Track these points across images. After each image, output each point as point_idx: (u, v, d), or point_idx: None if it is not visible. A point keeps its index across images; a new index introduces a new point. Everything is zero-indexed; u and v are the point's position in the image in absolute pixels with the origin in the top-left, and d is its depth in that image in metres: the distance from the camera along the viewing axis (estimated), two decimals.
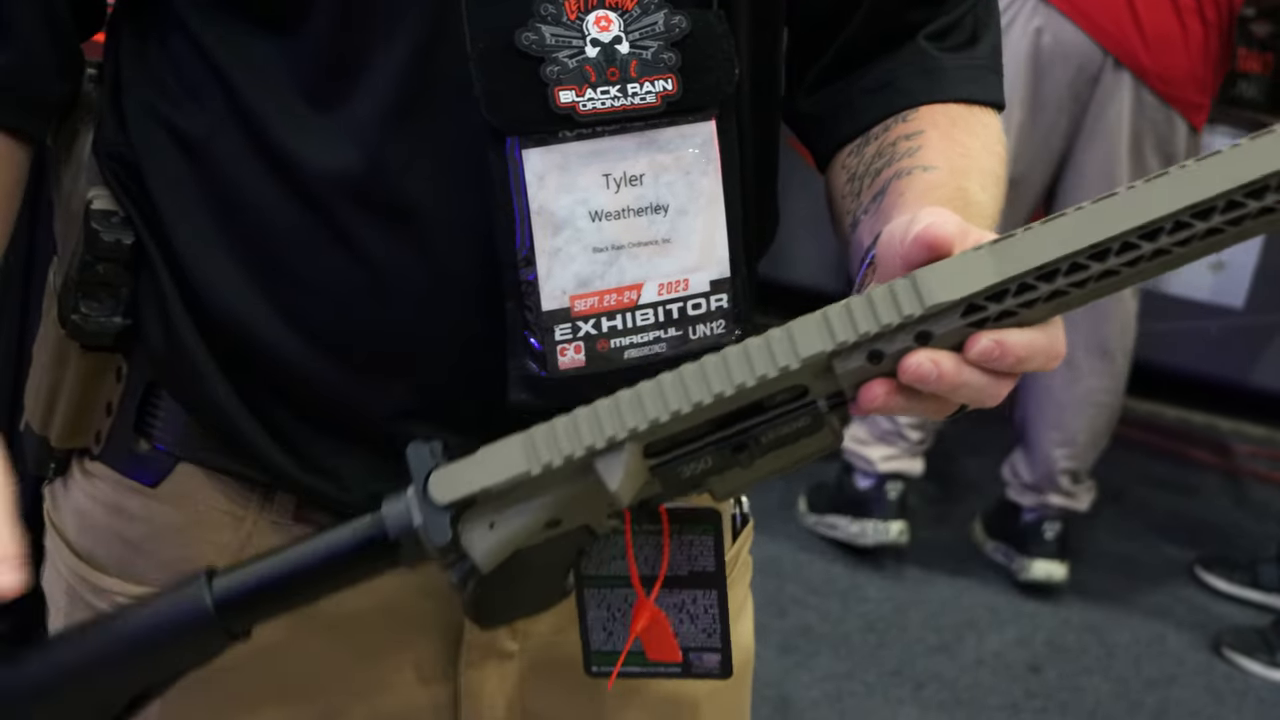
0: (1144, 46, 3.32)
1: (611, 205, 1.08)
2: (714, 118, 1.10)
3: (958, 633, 3.49)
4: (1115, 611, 3.67)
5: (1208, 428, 4.68)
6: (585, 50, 1.06)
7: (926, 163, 1.13)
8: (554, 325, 1.08)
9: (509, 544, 0.98)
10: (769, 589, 3.47)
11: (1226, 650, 3.57)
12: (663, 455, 0.96)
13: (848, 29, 1.22)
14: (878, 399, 0.91)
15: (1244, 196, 0.86)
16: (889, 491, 3.61)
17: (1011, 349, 0.89)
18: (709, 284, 1.11)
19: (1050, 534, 3.66)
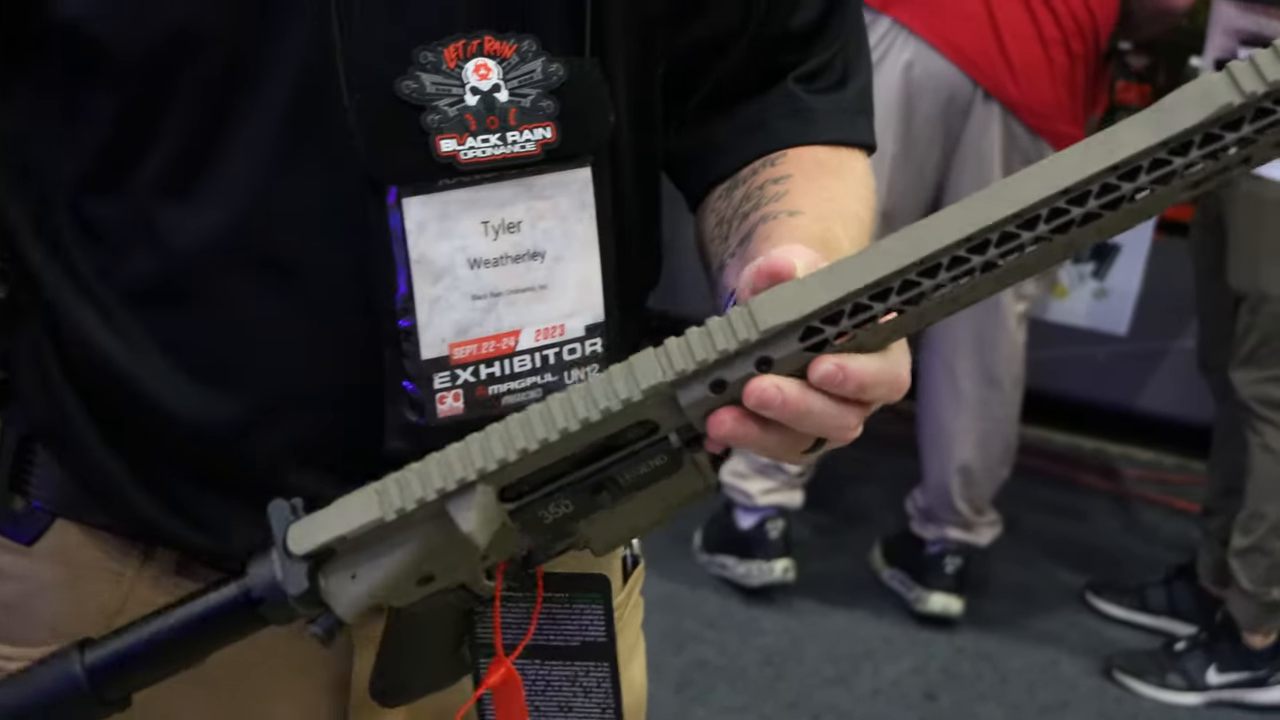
0: (1012, 78, 3.35)
1: (490, 253, 1.08)
2: (590, 165, 1.10)
3: (854, 663, 3.49)
4: (1009, 638, 3.68)
5: (1097, 452, 4.73)
6: (465, 98, 1.06)
7: (792, 207, 1.14)
8: (433, 373, 1.08)
9: (371, 594, 0.97)
10: (665, 624, 3.46)
11: (1118, 673, 3.60)
12: (521, 499, 0.95)
13: (719, 70, 1.23)
14: (724, 426, 0.90)
15: (1066, 203, 0.85)
16: (770, 531, 3.61)
17: (853, 374, 0.88)
18: (584, 329, 1.12)
19: (950, 568, 3.68)
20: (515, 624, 1.08)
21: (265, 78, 1.05)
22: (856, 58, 1.27)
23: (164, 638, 0.99)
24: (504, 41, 1.06)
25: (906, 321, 0.89)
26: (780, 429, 0.91)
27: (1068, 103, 3.43)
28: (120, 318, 1.10)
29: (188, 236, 1.08)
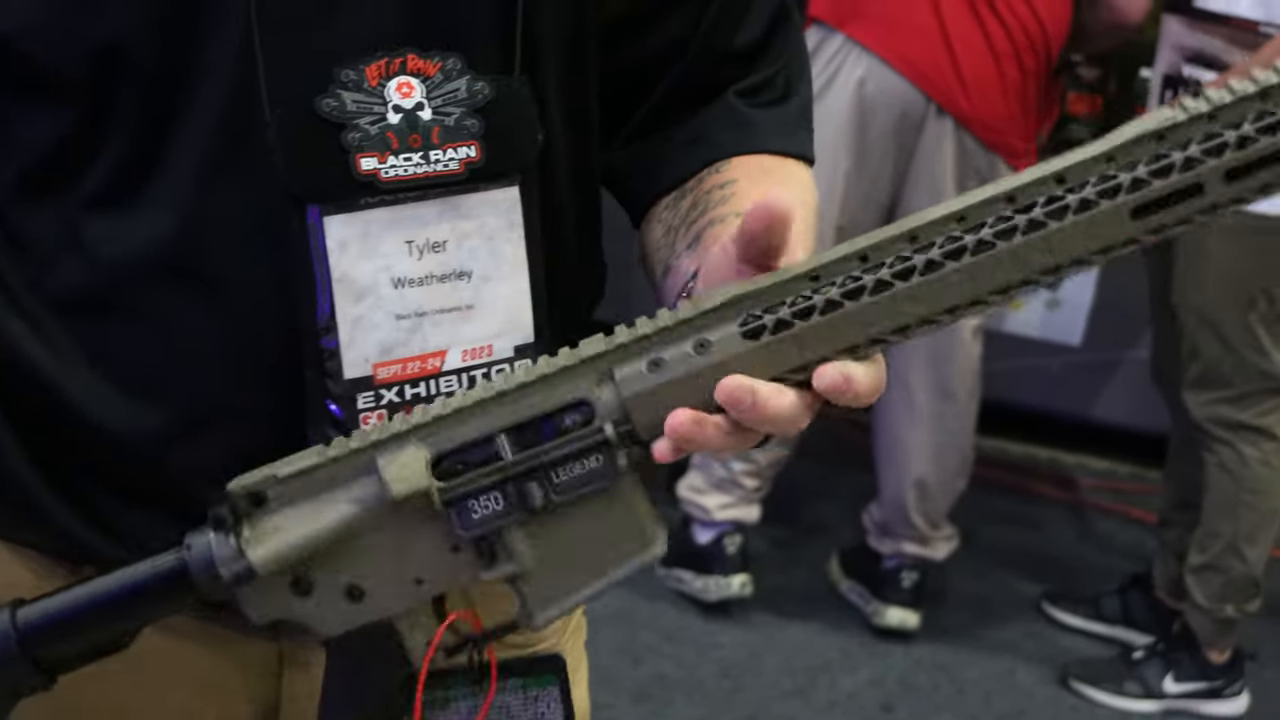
0: (964, 93, 3.35)
1: (414, 272, 1.07)
2: (518, 183, 1.10)
3: (811, 676, 3.49)
4: (965, 649, 3.69)
5: (1052, 462, 4.74)
6: (387, 117, 1.05)
7: (739, 209, 1.13)
8: (356, 393, 1.07)
9: (291, 548, 0.95)
10: (623, 638, 3.46)
11: (1074, 682, 3.61)
12: (452, 480, 0.94)
13: (662, 86, 1.23)
14: (680, 422, 0.90)
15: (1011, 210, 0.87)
16: (728, 546, 3.61)
17: (856, 384, 0.89)
18: (513, 349, 1.11)
19: (907, 582, 3.68)
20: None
21: (192, 94, 1.04)
22: (798, 75, 1.28)
23: (99, 599, 0.98)
24: (428, 60, 1.06)
25: (846, 315, 0.89)
26: (735, 429, 0.91)
27: (1020, 117, 3.43)
28: (48, 328, 1.09)
29: (116, 249, 1.07)
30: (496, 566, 0.96)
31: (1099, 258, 0.87)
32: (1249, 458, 3.46)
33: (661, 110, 1.24)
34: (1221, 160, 0.83)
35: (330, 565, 0.96)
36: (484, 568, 0.96)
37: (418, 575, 0.96)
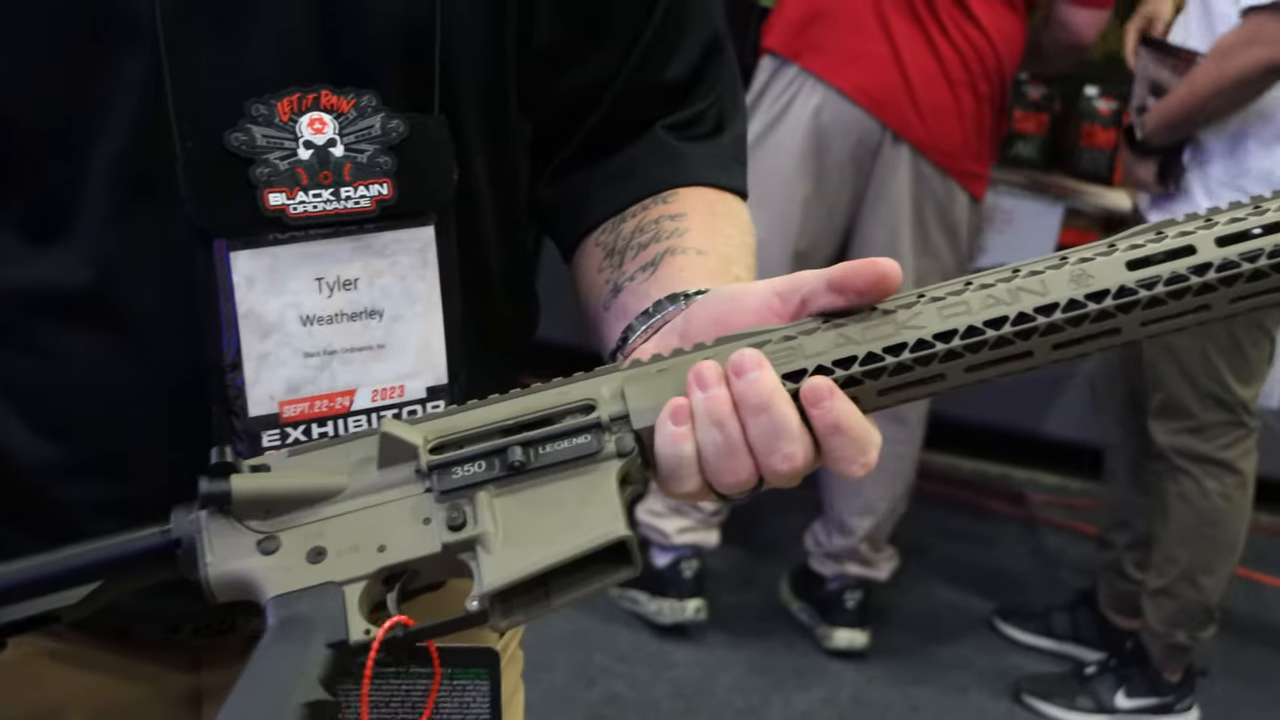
0: (920, 120, 3.36)
1: (324, 309, 1.07)
2: (433, 222, 1.09)
3: (765, 695, 3.49)
4: (918, 666, 3.70)
5: (1003, 478, 4.77)
6: (298, 152, 1.05)
7: (698, 246, 1.14)
8: (261, 431, 1.06)
9: (270, 492, 0.96)
10: (577, 660, 3.45)
11: (1026, 697, 3.62)
12: (444, 453, 0.95)
13: (591, 121, 1.23)
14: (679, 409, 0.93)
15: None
16: (684, 570, 3.61)
17: (839, 403, 0.91)
18: (425, 390, 1.10)
19: (852, 603, 3.68)
20: (386, 704, 1.04)
21: (101, 127, 1.04)
22: (731, 109, 1.27)
23: (80, 563, 0.97)
24: (342, 96, 1.05)
25: (865, 393, 0.94)
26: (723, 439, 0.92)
27: (975, 142, 3.45)
28: None
29: (26, 281, 1.07)
30: (462, 531, 0.94)
31: None
32: (1209, 490, 3.48)
33: (591, 145, 1.24)
34: None
35: (302, 527, 0.96)
36: (449, 534, 0.95)
37: (382, 543, 0.95)
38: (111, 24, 1.02)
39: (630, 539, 0.92)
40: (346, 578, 0.95)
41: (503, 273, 1.20)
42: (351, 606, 0.94)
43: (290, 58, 1.06)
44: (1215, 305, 0.92)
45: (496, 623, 0.93)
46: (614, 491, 0.94)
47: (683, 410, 0.93)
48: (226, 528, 0.96)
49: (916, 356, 0.93)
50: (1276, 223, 0.92)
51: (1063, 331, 0.92)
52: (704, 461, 0.93)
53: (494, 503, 0.94)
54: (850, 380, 0.93)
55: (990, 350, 0.93)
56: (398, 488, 0.96)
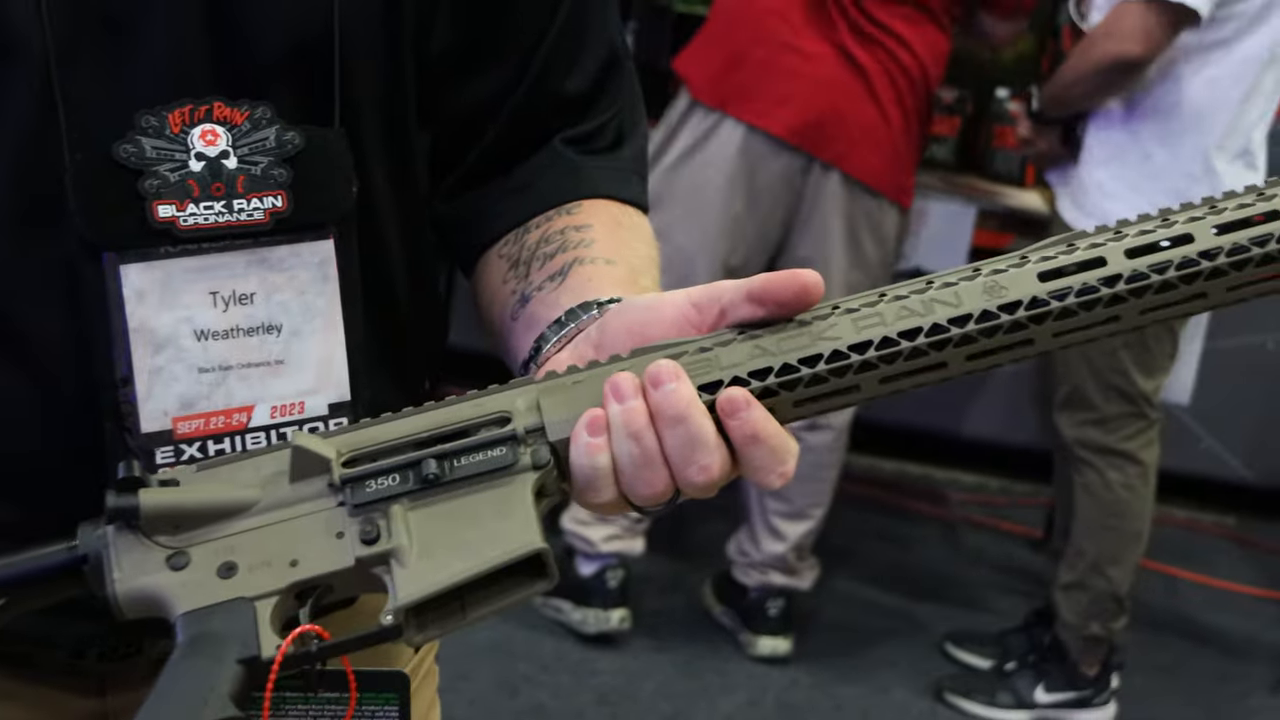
0: (851, 147, 3.37)
1: (219, 324, 1.06)
2: (332, 236, 1.08)
3: (689, 700, 3.49)
4: (841, 667, 3.71)
5: (924, 478, 4.79)
6: (189, 164, 1.04)
7: (606, 256, 1.14)
8: (154, 448, 1.05)
9: (180, 507, 0.95)
10: (500, 669, 3.45)
11: (948, 695, 3.65)
12: (358, 467, 0.95)
13: (489, 135, 1.22)
14: (594, 421, 0.93)
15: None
16: (609, 580, 3.60)
17: (755, 412, 0.91)
18: (327, 407, 1.10)
19: (774, 610, 3.69)
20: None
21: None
22: (631, 123, 1.28)
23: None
24: (235, 108, 1.05)
25: (782, 404, 0.94)
26: (639, 451, 0.92)
27: (906, 154, 3.47)
28: None
29: None
30: (375, 545, 0.94)
31: None
32: (1113, 481, 3.52)
33: (490, 158, 1.23)
34: None
35: (212, 542, 0.95)
36: (362, 547, 0.94)
37: (294, 557, 0.95)
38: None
39: (546, 551, 0.92)
40: (258, 593, 0.94)
41: (408, 285, 1.20)
42: (263, 622, 0.93)
43: (182, 69, 1.05)
44: (1125, 316, 0.94)
45: (411, 637, 0.92)
46: (530, 504, 0.93)
47: (599, 422, 0.93)
48: (134, 543, 0.94)
49: (832, 368, 0.93)
50: (1182, 235, 0.93)
51: (976, 342, 0.93)
52: (620, 473, 0.93)
53: (408, 516, 0.94)
54: (766, 391, 0.93)
55: (905, 361, 0.93)
56: (310, 502, 0.95)
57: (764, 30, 3.34)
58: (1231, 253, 0.93)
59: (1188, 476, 4.68)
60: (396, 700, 1.05)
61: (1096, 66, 3.25)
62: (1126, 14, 3.17)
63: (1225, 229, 0.93)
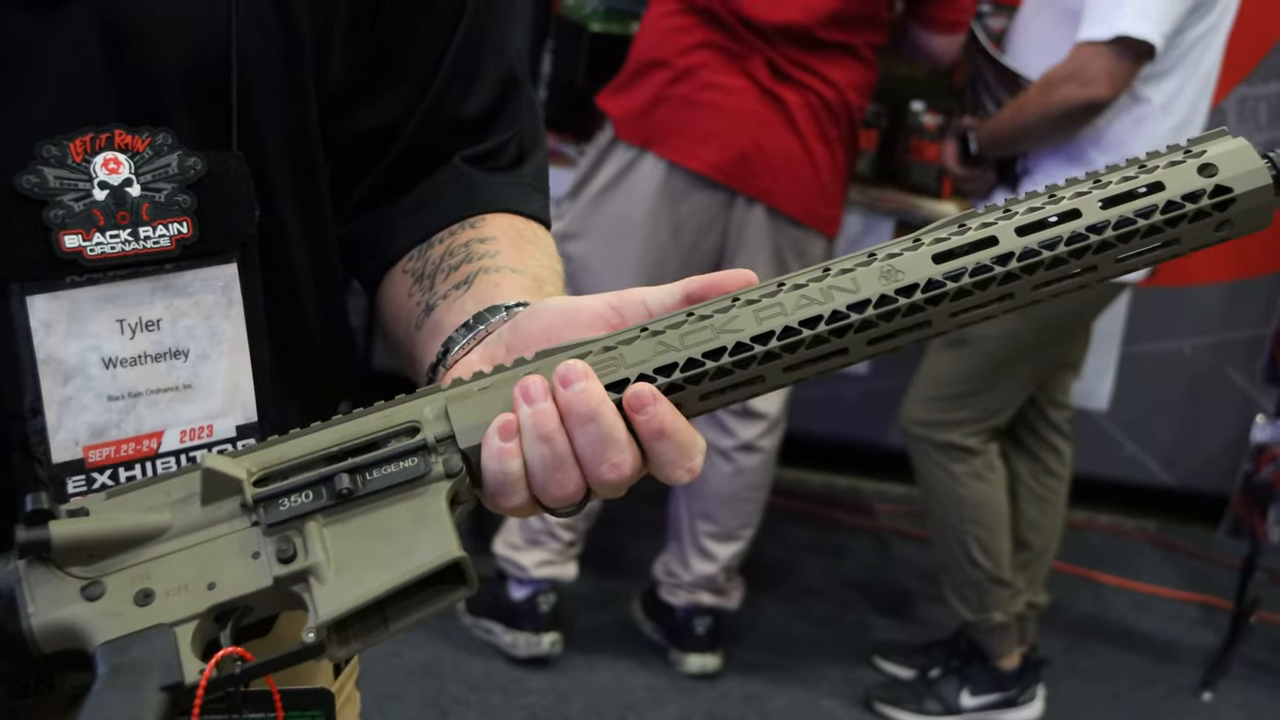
0: (773, 180, 3.39)
1: (126, 352, 1.05)
2: (236, 260, 1.08)
3: (619, 715, 3.50)
4: (771, 680, 3.72)
5: (851, 490, 4.81)
6: (93, 193, 1.04)
7: (511, 266, 1.15)
8: (66, 477, 1.04)
9: (91, 535, 0.94)
10: (430, 690, 3.44)
11: (877, 704, 3.67)
12: (269, 485, 0.94)
13: (389, 156, 1.23)
14: (506, 426, 0.93)
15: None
16: (541, 604, 3.61)
17: (661, 407, 0.93)
18: (235, 429, 1.09)
19: (701, 629, 3.71)
20: None
21: None
22: (531, 142, 1.28)
23: None
24: (136, 135, 1.04)
25: (688, 399, 0.95)
26: (550, 453, 0.93)
27: (831, 185, 3.48)
28: None
29: None
30: (293, 563, 0.93)
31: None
32: (957, 474, 3.58)
33: (390, 179, 1.24)
34: None
35: (126, 570, 0.94)
36: (280, 566, 0.93)
37: (212, 580, 0.94)
38: None
39: (464, 560, 0.92)
40: (177, 618, 0.93)
41: (315, 307, 1.19)
42: (184, 647, 0.92)
43: (80, 98, 1.04)
44: (1019, 293, 0.94)
45: (334, 652, 0.93)
46: (445, 512, 0.93)
47: (510, 427, 0.93)
48: (48, 576, 0.93)
49: (736, 360, 0.94)
50: (1070, 210, 0.94)
51: (876, 327, 0.94)
52: (531, 476, 0.93)
53: (324, 532, 0.94)
54: (673, 386, 0.94)
55: (807, 349, 0.94)
56: (224, 523, 0.95)
57: (683, 69, 3.37)
58: (1118, 225, 0.94)
59: (1109, 482, 4.74)
60: (323, 716, 1.05)
61: (1063, 110, 3.28)
62: (1091, 58, 3.22)
63: (1110, 202, 0.94)
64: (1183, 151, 0.95)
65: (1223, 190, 0.94)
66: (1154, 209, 0.94)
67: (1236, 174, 0.94)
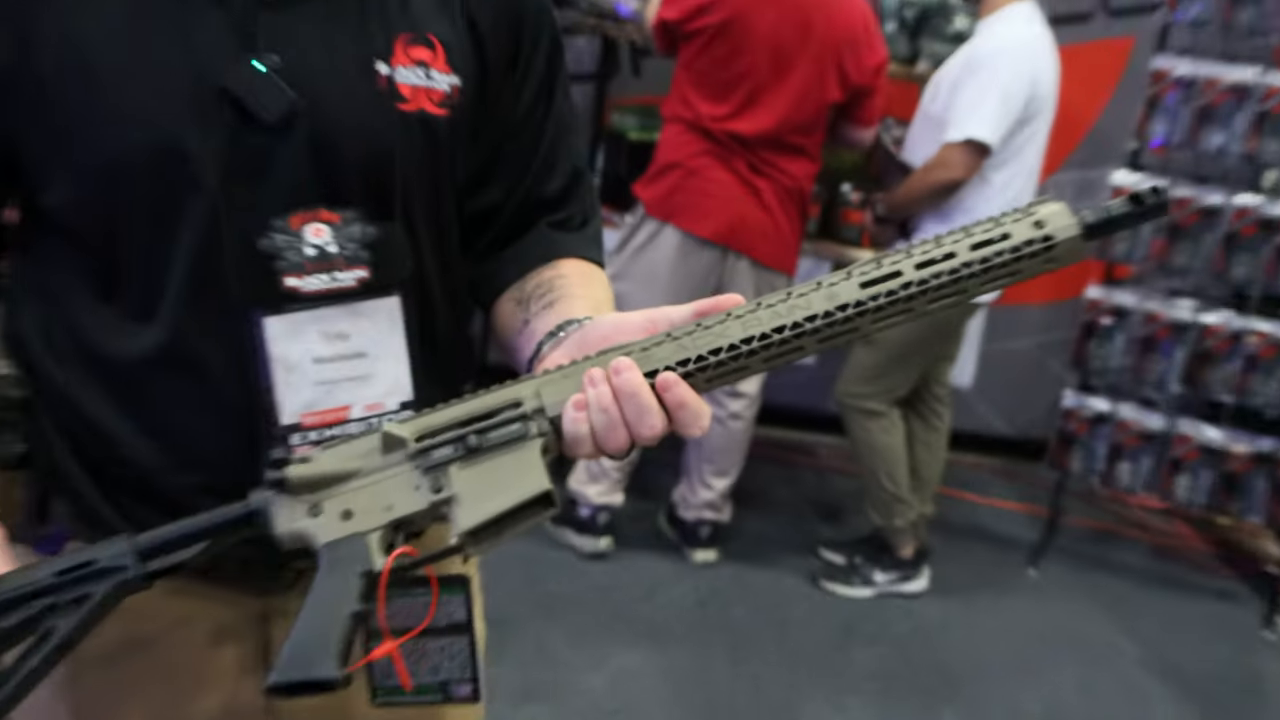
0: (753, 241, 3.36)
1: (328, 353, 1.06)
2: (398, 295, 1.08)
3: (651, 587, 3.50)
4: (750, 565, 3.71)
5: (803, 441, 4.76)
6: (305, 251, 1.04)
7: (579, 294, 1.13)
8: (290, 435, 1.06)
9: (313, 476, 0.94)
10: (525, 572, 3.44)
11: (821, 580, 3.67)
12: (425, 441, 0.94)
13: (496, 225, 1.21)
14: (586, 396, 0.91)
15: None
16: (599, 519, 3.59)
17: (683, 390, 0.91)
18: (399, 405, 1.09)
19: (704, 533, 3.68)
20: (394, 614, 1.00)
21: (176, 241, 1.03)
22: (592, 212, 1.26)
23: (191, 529, 0.96)
24: (334, 212, 1.05)
25: (698, 381, 0.93)
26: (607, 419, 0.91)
27: (792, 243, 3.46)
28: (103, 400, 1.08)
29: (136, 347, 1.06)
30: (441, 493, 0.93)
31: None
32: (871, 428, 3.57)
33: (499, 238, 1.22)
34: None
35: (335, 497, 0.94)
36: (432, 495, 0.93)
37: (389, 504, 0.94)
38: (180, 181, 1.02)
39: (552, 491, 0.91)
40: (368, 529, 0.94)
41: (448, 323, 1.18)
42: (373, 548, 0.94)
43: (297, 188, 1.05)
44: (917, 308, 0.92)
45: (469, 551, 0.92)
46: (538, 459, 0.93)
47: (581, 402, 0.92)
48: (287, 501, 0.95)
49: (729, 355, 0.92)
50: (950, 253, 0.91)
51: (822, 332, 0.92)
52: (595, 434, 0.92)
53: (460, 473, 0.93)
54: (688, 373, 0.92)
55: (777, 347, 0.92)
56: (395, 467, 0.95)
57: (691, 168, 3.36)
58: (982, 261, 0.91)
59: (972, 433, 4.70)
60: (462, 592, 1.05)
61: (935, 187, 3.31)
62: (951, 153, 3.27)
63: (977, 246, 0.92)
64: (1022, 212, 0.92)
65: (1049, 238, 0.91)
66: (1005, 251, 0.91)
67: (1058, 227, 0.91)
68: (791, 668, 3.21)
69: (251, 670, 1.16)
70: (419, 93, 1.08)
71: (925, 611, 3.61)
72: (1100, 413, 3.93)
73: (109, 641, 1.06)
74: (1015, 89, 3.24)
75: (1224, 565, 4.22)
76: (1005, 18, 3.32)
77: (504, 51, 1.14)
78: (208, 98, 1.01)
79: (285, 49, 1.02)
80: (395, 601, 1.00)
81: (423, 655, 1.05)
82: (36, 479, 1.13)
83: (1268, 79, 3.58)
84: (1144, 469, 3.88)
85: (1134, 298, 3.85)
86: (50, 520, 1.13)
